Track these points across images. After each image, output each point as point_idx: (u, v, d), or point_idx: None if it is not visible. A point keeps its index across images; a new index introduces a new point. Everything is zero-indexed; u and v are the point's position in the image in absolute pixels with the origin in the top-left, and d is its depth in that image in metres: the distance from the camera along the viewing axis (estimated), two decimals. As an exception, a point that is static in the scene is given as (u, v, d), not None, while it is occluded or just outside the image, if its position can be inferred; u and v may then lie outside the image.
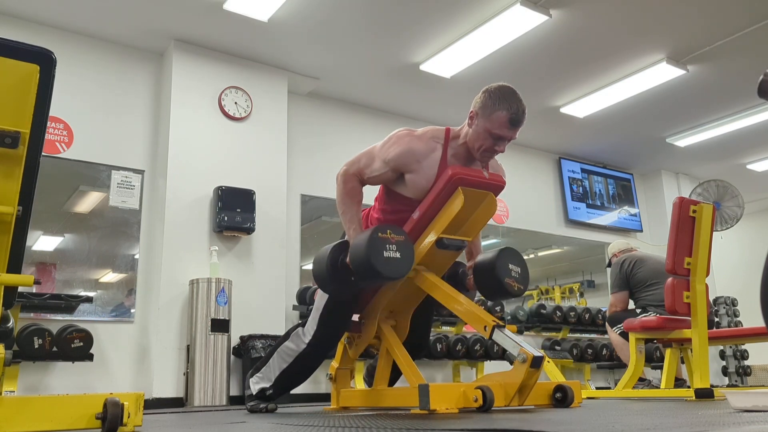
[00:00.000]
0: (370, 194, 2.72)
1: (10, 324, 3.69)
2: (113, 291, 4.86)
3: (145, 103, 5.20)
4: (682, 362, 4.38)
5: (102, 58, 5.06)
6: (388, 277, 2.30)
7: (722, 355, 7.97)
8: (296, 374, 2.82)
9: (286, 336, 2.81)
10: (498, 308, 5.80)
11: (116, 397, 1.56)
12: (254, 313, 4.92)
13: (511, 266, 2.57)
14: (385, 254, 2.26)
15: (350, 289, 2.51)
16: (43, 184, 1.68)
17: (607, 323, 4.70)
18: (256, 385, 2.84)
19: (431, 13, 4.79)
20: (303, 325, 2.77)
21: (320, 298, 2.71)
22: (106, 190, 4.87)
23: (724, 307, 8.05)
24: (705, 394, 2.99)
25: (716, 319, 7.82)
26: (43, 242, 4.71)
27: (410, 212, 2.53)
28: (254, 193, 5.07)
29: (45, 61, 1.42)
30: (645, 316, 4.12)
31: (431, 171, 2.45)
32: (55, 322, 4.31)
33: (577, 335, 6.72)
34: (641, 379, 4.23)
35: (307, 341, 2.70)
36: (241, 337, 4.72)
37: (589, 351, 6.30)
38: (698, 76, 5.82)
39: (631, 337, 3.92)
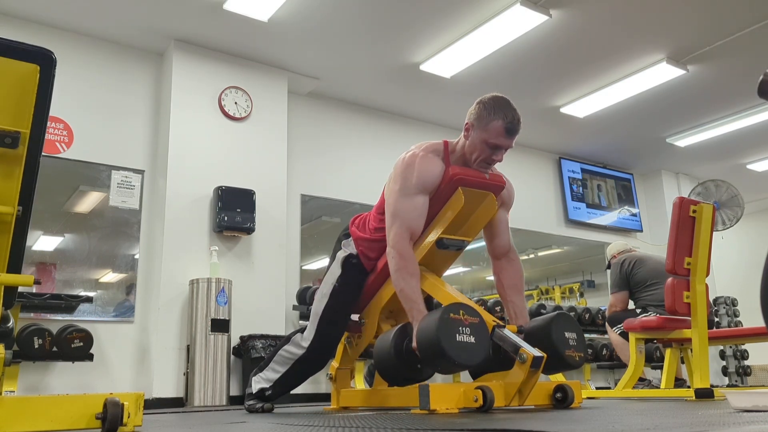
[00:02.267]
0: (370, 195, 2.71)
1: (10, 324, 3.69)
2: (113, 291, 4.86)
3: (145, 103, 5.20)
4: (682, 362, 4.38)
5: (102, 58, 5.06)
6: (462, 365, 2.08)
7: (722, 355, 7.97)
8: (295, 377, 2.83)
9: (288, 339, 2.82)
10: (498, 308, 5.79)
11: (116, 397, 1.56)
12: (254, 313, 4.92)
13: (567, 335, 2.34)
14: (458, 338, 2.04)
15: (419, 375, 2.31)
16: (43, 184, 1.68)
17: (607, 323, 4.70)
18: (257, 384, 2.85)
19: (431, 13, 4.79)
20: (303, 330, 2.77)
21: (318, 303, 2.71)
22: (106, 190, 4.87)
23: (724, 307, 8.05)
24: (705, 394, 2.99)
25: (716, 319, 7.82)
26: (43, 242, 4.71)
27: None
28: (254, 193, 5.07)
29: (45, 61, 1.42)
30: (645, 316, 4.12)
31: (436, 185, 2.44)
32: (55, 322, 4.31)
33: (577, 335, 6.71)
34: (641, 379, 4.23)
35: (306, 347, 2.71)
36: (241, 337, 4.72)
37: (589, 351, 6.30)
38: (698, 76, 5.82)
39: (631, 337, 3.92)
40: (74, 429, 1.55)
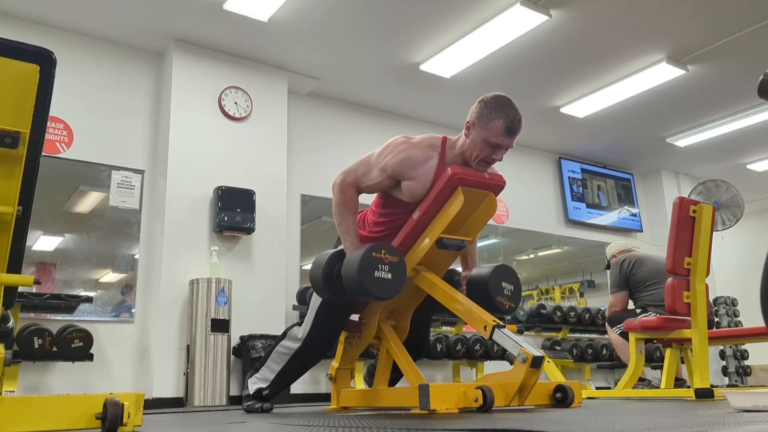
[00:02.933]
0: (369, 195, 2.71)
1: (10, 324, 3.69)
2: (113, 291, 4.86)
3: (145, 103, 5.20)
4: (682, 362, 4.38)
5: (102, 58, 5.06)
6: (377, 296, 2.33)
7: (722, 355, 7.97)
8: (292, 373, 2.83)
9: (283, 335, 2.82)
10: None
11: (116, 397, 1.56)
12: (254, 313, 4.92)
13: (504, 284, 2.57)
14: (376, 274, 2.28)
15: (344, 297, 2.52)
16: (43, 184, 1.68)
17: (607, 323, 4.70)
18: (253, 385, 2.85)
19: (431, 13, 4.79)
20: (299, 324, 2.78)
21: (315, 297, 2.72)
22: (106, 190, 4.87)
23: (724, 307, 8.05)
24: (705, 394, 2.99)
25: (716, 319, 7.82)
26: (43, 242, 4.71)
27: (406, 214, 2.54)
28: (254, 193, 5.07)
29: (45, 61, 1.42)
30: (645, 316, 4.12)
31: (427, 178, 2.46)
32: (55, 322, 4.31)
33: (577, 335, 6.72)
34: (641, 379, 4.23)
35: (302, 339, 2.71)
36: (241, 337, 4.72)
37: (589, 351, 6.30)
38: (698, 76, 5.82)
39: (631, 337, 3.92)
40: (74, 429, 1.55)
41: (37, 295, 4.14)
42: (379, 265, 2.30)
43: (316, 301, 2.70)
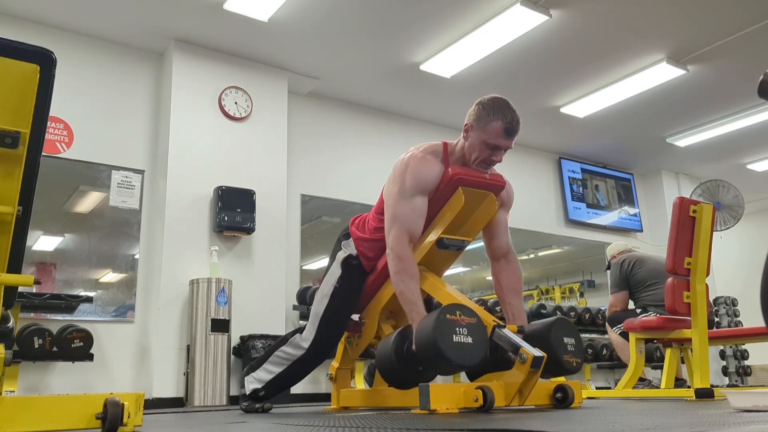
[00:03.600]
0: (370, 195, 2.71)
1: (10, 324, 3.69)
2: (113, 291, 4.86)
3: (145, 103, 5.20)
4: (682, 362, 4.38)
5: (102, 58, 5.06)
6: (460, 365, 2.08)
7: (722, 355, 7.97)
8: (291, 377, 2.83)
9: (284, 340, 2.81)
10: (498, 308, 5.80)
11: (116, 397, 1.56)
12: (254, 313, 4.92)
13: (566, 340, 2.34)
14: (455, 339, 2.05)
15: (420, 377, 2.29)
16: (43, 184, 1.68)
17: (607, 323, 4.70)
18: (250, 384, 2.85)
19: (431, 13, 4.79)
20: (301, 331, 2.77)
21: (318, 304, 2.71)
22: (106, 190, 4.87)
23: (724, 307, 8.05)
24: (705, 394, 2.99)
25: (716, 319, 7.82)
26: (43, 242, 4.71)
27: None
28: (254, 193, 5.07)
29: (45, 61, 1.42)
30: (645, 316, 4.12)
31: (435, 186, 2.43)
32: (55, 322, 4.31)
33: (577, 335, 6.71)
34: (641, 379, 4.23)
35: (306, 347, 2.70)
36: (241, 337, 4.72)
37: (589, 351, 6.30)
38: (698, 76, 5.82)
39: (631, 337, 3.92)
40: (74, 429, 1.55)
41: (37, 295, 4.14)
42: (457, 329, 2.07)
43: (318, 309, 2.69)
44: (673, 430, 1.21)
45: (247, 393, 2.85)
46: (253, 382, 2.84)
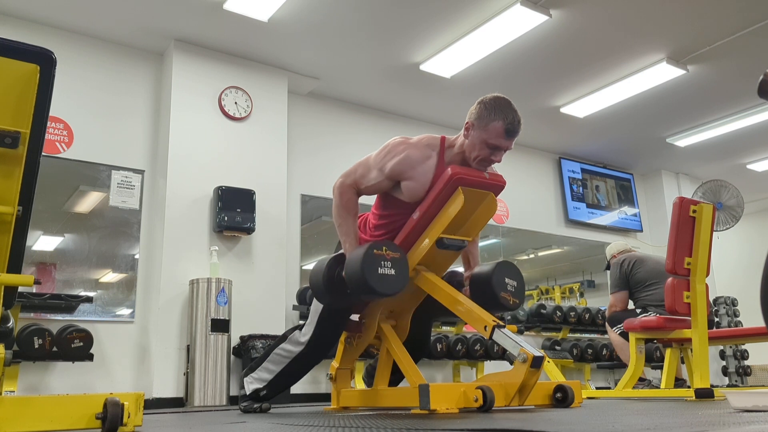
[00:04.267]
0: (369, 195, 2.71)
1: (10, 324, 3.69)
2: (113, 291, 4.86)
3: (145, 103, 5.20)
4: (682, 362, 4.38)
5: (102, 58, 5.06)
6: (382, 293, 2.31)
7: (722, 355, 7.97)
8: (291, 375, 2.84)
9: (283, 338, 2.82)
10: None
11: (116, 397, 1.56)
12: (254, 313, 4.92)
13: (507, 280, 2.58)
14: (380, 271, 2.29)
15: (346, 301, 2.52)
16: (43, 184, 1.68)
17: (607, 323, 4.70)
18: (250, 385, 2.85)
19: (431, 13, 4.79)
20: (300, 328, 2.78)
21: (318, 302, 2.71)
22: (106, 190, 4.87)
23: (724, 307, 8.04)
24: (705, 394, 2.99)
25: (716, 319, 7.82)
26: (43, 242, 4.71)
27: (406, 215, 2.54)
28: (254, 193, 5.07)
29: (45, 61, 1.42)
30: (645, 316, 4.12)
31: (426, 178, 2.46)
32: (55, 322, 4.31)
33: (577, 335, 6.72)
34: (641, 379, 4.23)
35: (305, 343, 2.71)
36: (241, 337, 4.72)
37: (589, 351, 6.30)
38: (698, 76, 5.82)
39: (631, 337, 3.92)
40: (74, 429, 1.55)
41: (37, 295, 4.14)
42: (382, 262, 2.30)
43: (317, 305, 2.70)
44: (673, 430, 1.21)
45: (248, 393, 2.85)
46: (254, 382, 2.85)
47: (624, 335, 4.20)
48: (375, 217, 2.68)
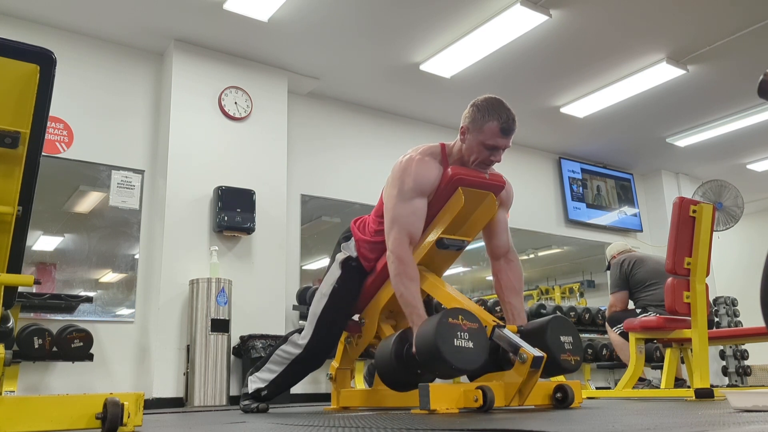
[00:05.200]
0: (370, 195, 2.71)
1: (10, 324, 3.69)
2: (113, 291, 4.86)
3: (145, 103, 5.20)
4: (682, 362, 4.38)
5: (102, 58, 5.06)
6: (460, 369, 2.09)
7: (722, 355, 7.97)
8: (291, 377, 2.84)
9: (285, 339, 2.83)
10: (498, 308, 5.79)
11: (116, 397, 1.56)
12: (254, 313, 4.92)
13: (563, 339, 2.31)
14: (456, 343, 2.05)
15: (417, 380, 2.29)
16: (43, 184, 1.68)
17: (606, 323, 4.70)
18: (253, 384, 2.86)
19: (431, 13, 4.79)
20: (301, 331, 2.78)
21: (317, 304, 2.71)
22: (106, 190, 4.87)
23: (724, 307, 8.04)
24: (705, 394, 2.99)
25: (716, 319, 7.81)
26: (43, 242, 4.70)
27: None
28: (254, 193, 5.07)
29: (45, 61, 1.42)
30: (645, 316, 4.12)
31: (434, 187, 2.43)
32: (55, 322, 4.31)
33: (577, 335, 6.71)
34: (641, 379, 4.23)
35: (303, 345, 2.71)
36: (241, 337, 4.72)
37: (589, 351, 6.30)
38: (698, 76, 5.82)
39: (631, 337, 3.92)
40: (74, 429, 1.55)
41: (37, 295, 4.14)
42: (458, 333, 2.07)
43: (317, 308, 2.70)
44: (673, 430, 1.21)
45: (250, 392, 2.86)
46: (256, 381, 2.86)
47: (624, 335, 4.20)
48: (375, 221, 2.66)
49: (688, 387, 3.90)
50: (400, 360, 2.24)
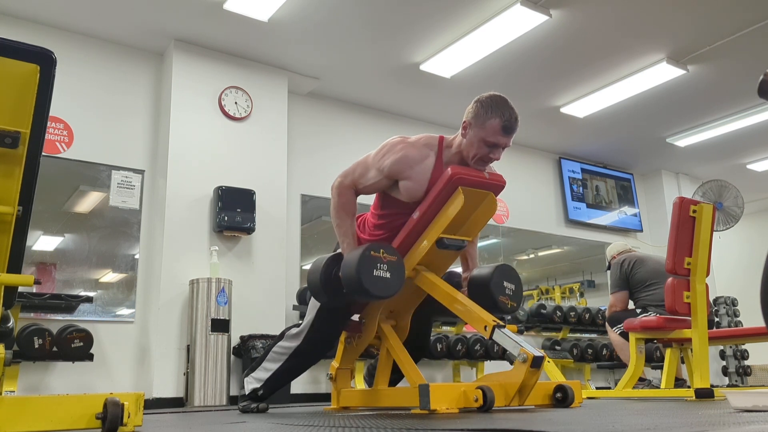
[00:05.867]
0: (370, 196, 2.71)
1: (10, 324, 3.69)
2: (113, 291, 4.86)
3: (145, 103, 5.20)
4: (682, 362, 4.38)
5: (102, 58, 5.06)
6: (376, 295, 2.32)
7: (722, 355, 7.97)
8: (288, 373, 2.83)
9: (281, 336, 2.83)
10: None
11: (116, 397, 1.56)
12: (254, 313, 4.92)
13: (505, 283, 2.57)
14: (375, 273, 2.29)
15: (342, 300, 2.51)
16: (43, 184, 1.68)
17: (607, 323, 4.70)
18: (249, 385, 2.86)
19: (431, 13, 4.79)
20: (297, 326, 2.78)
21: None
22: (106, 190, 4.87)
23: (724, 307, 8.05)
24: (705, 394, 2.99)
25: (716, 319, 7.82)
26: (43, 242, 4.71)
27: (406, 215, 2.55)
28: (254, 193, 5.07)
29: (45, 61, 1.42)
30: (645, 316, 4.12)
31: (424, 177, 2.47)
32: (55, 322, 4.31)
33: (577, 335, 6.72)
34: (641, 379, 4.23)
35: (302, 338, 2.71)
36: (241, 337, 4.72)
37: (589, 351, 6.30)
38: (698, 76, 5.82)
39: (631, 337, 3.92)
40: (74, 429, 1.55)
41: (37, 295, 4.14)
42: (378, 264, 2.30)
43: (315, 300, 2.70)
44: (673, 430, 1.21)
45: (247, 393, 2.86)
46: (252, 382, 2.85)
47: (624, 335, 4.20)
48: (374, 216, 2.68)
49: (688, 387, 3.90)
50: (327, 280, 2.46)
